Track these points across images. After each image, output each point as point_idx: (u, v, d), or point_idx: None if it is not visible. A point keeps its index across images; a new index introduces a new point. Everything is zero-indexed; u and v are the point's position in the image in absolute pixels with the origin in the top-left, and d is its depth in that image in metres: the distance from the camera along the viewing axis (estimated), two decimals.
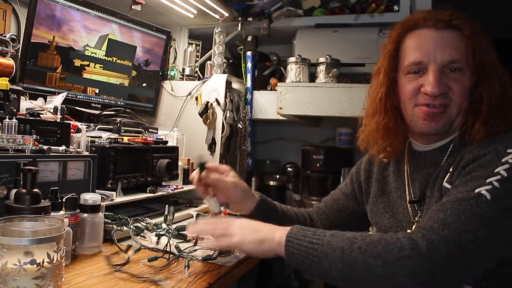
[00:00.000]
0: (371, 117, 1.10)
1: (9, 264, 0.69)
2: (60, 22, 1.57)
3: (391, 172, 1.14)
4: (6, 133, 1.06)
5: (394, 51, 1.05)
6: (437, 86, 0.95)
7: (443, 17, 0.98)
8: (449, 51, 0.95)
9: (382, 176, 1.17)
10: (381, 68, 1.08)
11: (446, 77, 0.96)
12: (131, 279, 0.94)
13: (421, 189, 1.03)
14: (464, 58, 0.95)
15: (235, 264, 1.10)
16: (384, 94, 1.06)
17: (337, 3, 2.30)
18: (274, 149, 2.71)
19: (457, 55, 0.95)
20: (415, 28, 1.01)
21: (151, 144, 1.55)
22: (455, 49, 0.95)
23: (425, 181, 1.03)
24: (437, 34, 0.98)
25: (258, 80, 2.28)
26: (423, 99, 0.98)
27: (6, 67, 1.31)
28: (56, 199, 0.98)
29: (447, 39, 0.97)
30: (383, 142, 1.09)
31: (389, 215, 1.11)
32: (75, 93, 1.70)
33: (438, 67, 0.96)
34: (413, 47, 1.00)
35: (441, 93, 0.95)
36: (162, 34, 2.04)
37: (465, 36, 0.96)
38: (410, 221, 1.04)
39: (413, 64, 0.99)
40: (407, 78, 1.01)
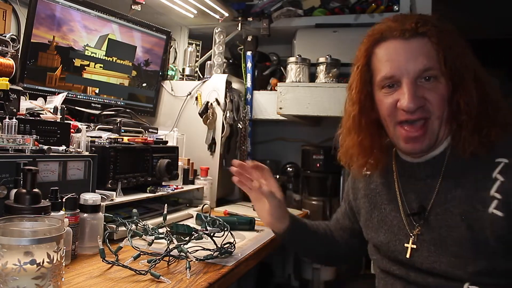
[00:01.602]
0: (347, 134, 1.07)
1: (9, 264, 0.69)
2: (60, 22, 1.57)
3: (380, 184, 1.11)
4: (6, 133, 1.06)
5: (365, 66, 1.02)
6: (412, 100, 0.91)
7: (408, 25, 0.93)
8: (420, 59, 0.92)
9: (369, 189, 1.13)
10: (353, 84, 1.05)
11: (421, 88, 0.93)
12: (131, 278, 0.94)
13: (420, 201, 1.00)
14: (437, 64, 0.92)
15: (235, 264, 1.10)
16: (357, 111, 1.03)
17: (337, 3, 2.30)
18: (274, 149, 2.71)
19: (429, 62, 0.92)
20: (382, 40, 0.98)
21: (151, 144, 1.55)
22: (426, 57, 0.92)
23: (423, 193, 0.99)
24: (405, 44, 0.94)
25: (258, 80, 2.28)
26: (401, 115, 0.95)
27: (6, 67, 1.31)
28: (56, 199, 0.98)
29: (416, 48, 0.93)
30: (362, 158, 1.07)
31: (384, 230, 1.07)
32: (75, 93, 1.70)
33: (411, 79, 0.93)
34: (383, 60, 0.97)
35: (418, 107, 0.92)
36: (162, 34, 2.05)
37: (434, 42, 0.92)
38: (407, 234, 1.00)
39: (385, 79, 0.96)
40: (382, 93, 0.98)
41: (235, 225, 1.48)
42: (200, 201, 1.76)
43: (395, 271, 1.03)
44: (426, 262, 0.96)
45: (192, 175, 1.84)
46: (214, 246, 1.13)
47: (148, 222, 1.28)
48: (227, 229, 1.17)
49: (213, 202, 1.91)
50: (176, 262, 1.07)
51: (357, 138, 1.05)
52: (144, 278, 0.94)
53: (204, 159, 1.95)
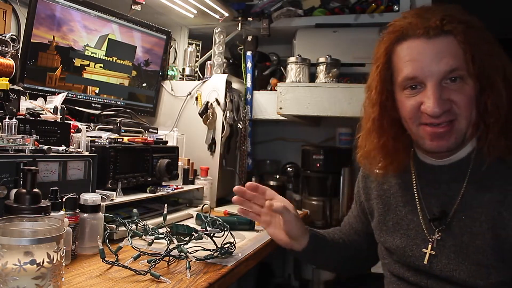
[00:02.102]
0: (367, 136, 1.03)
1: (9, 264, 0.69)
2: (60, 22, 1.57)
3: (395, 185, 1.05)
4: (6, 133, 1.06)
5: (385, 64, 0.96)
6: (437, 105, 0.86)
7: (433, 23, 0.87)
8: (446, 60, 0.86)
9: (382, 190, 1.08)
10: (373, 85, 0.99)
11: (447, 90, 0.87)
12: (131, 278, 0.94)
13: (441, 205, 0.95)
14: (463, 64, 0.86)
15: (235, 264, 1.10)
16: (378, 113, 0.98)
17: (337, 3, 2.29)
18: (274, 149, 2.71)
19: (455, 63, 0.86)
20: (404, 39, 0.91)
21: (151, 144, 1.55)
22: (452, 57, 0.86)
23: (446, 197, 0.95)
24: (429, 43, 0.87)
25: (258, 80, 2.28)
26: (426, 119, 0.89)
27: (6, 67, 1.31)
28: (56, 199, 0.98)
29: (441, 48, 0.87)
30: (383, 161, 1.02)
31: (400, 234, 1.01)
32: (75, 93, 1.70)
33: (436, 81, 0.87)
34: (405, 60, 0.91)
35: (444, 111, 0.86)
36: (162, 34, 2.05)
37: (461, 41, 0.86)
38: (425, 239, 0.95)
39: (407, 79, 0.90)
40: (405, 95, 0.92)
41: (235, 225, 1.48)
42: (200, 201, 1.76)
43: (409, 278, 0.99)
44: (445, 269, 0.92)
45: (192, 175, 1.84)
46: (214, 246, 1.13)
47: (148, 222, 1.28)
48: (227, 229, 1.17)
49: (213, 202, 1.91)
50: (176, 262, 1.07)
51: (378, 141, 1.00)
52: (144, 278, 0.94)
53: (204, 159, 1.95)
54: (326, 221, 2.14)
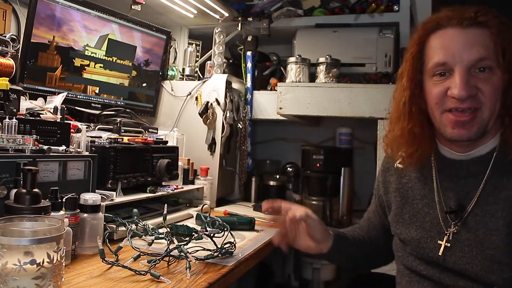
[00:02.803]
0: (395, 122, 1.04)
1: (9, 264, 0.69)
2: (60, 22, 1.57)
3: (414, 179, 1.07)
4: (6, 133, 1.06)
5: (417, 53, 0.99)
6: (464, 88, 0.88)
7: (468, 14, 0.90)
8: (476, 49, 0.89)
9: (401, 184, 1.09)
10: (404, 72, 1.02)
11: (475, 78, 0.89)
12: (131, 278, 0.94)
13: (458, 199, 0.96)
14: (493, 56, 0.88)
15: (235, 264, 1.10)
16: (408, 98, 1.00)
17: (337, 3, 2.30)
18: (274, 149, 2.71)
19: (485, 53, 0.88)
20: (438, 29, 0.94)
21: (151, 144, 1.55)
22: (483, 47, 0.89)
23: (463, 192, 0.96)
24: (462, 32, 0.90)
25: (258, 80, 2.28)
26: (451, 103, 0.92)
27: (6, 67, 1.31)
28: (56, 199, 0.98)
29: (474, 37, 0.90)
30: (409, 148, 1.03)
31: (416, 226, 1.03)
32: (75, 93, 1.70)
33: (465, 68, 0.89)
34: (437, 48, 0.94)
35: (469, 96, 0.89)
36: (162, 34, 2.05)
37: (493, 33, 0.89)
38: (441, 232, 0.97)
39: (437, 65, 0.93)
40: (433, 82, 0.95)
41: (235, 225, 1.48)
42: (200, 201, 1.76)
43: (422, 271, 1.00)
44: (458, 262, 0.93)
45: (192, 175, 1.84)
46: (214, 247, 1.13)
47: (148, 222, 1.28)
48: (227, 229, 1.17)
49: (213, 202, 1.91)
50: (176, 262, 1.07)
51: (406, 125, 1.01)
52: (144, 278, 0.94)
53: (204, 159, 1.95)
54: (326, 221, 2.15)
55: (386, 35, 2.10)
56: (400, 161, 1.08)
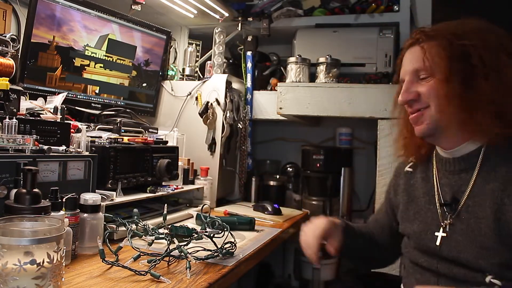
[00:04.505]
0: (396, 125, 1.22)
1: (9, 264, 0.69)
2: (60, 22, 1.57)
3: (419, 179, 1.17)
4: (6, 133, 1.06)
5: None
6: (401, 95, 1.07)
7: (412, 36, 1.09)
8: (412, 63, 1.07)
9: (409, 185, 1.20)
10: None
11: (417, 84, 1.06)
12: (131, 278, 0.94)
13: (453, 193, 1.06)
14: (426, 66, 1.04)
15: (235, 264, 1.10)
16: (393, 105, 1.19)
17: (337, 3, 2.30)
18: (274, 149, 2.71)
19: (419, 65, 1.05)
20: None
21: (151, 144, 1.55)
22: (418, 61, 1.05)
23: (457, 186, 1.06)
24: (407, 52, 1.10)
25: (258, 80, 2.28)
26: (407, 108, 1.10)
27: (6, 67, 1.31)
28: (56, 199, 0.98)
29: (412, 54, 1.08)
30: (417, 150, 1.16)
31: (418, 221, 1.12)
32: (75, 93, 1.70)
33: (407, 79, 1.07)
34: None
35: (410, 100, 1.06)
36: (162, 34, 2.05)
37: (423, 48, 1.05)
38: (439, 225, 1.06)
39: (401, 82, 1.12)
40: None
41: (235, 225, 1.48)
42: (200, 201, 1.76)
43: (423, 263, 1.08)
44: (453, 251, 1.01)
45: (192, 175, 1.84)
46: (214, 247, 1.13)
47: (148, 222, 1.28)
48: (227, 229, 1.17)
49: (213, 202, 1.91)
50: (176, 262, 1.07)
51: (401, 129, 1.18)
52: (144, 278, 0.94)
53: (204, 159, 1.95)
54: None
55: (386, 35, 2.10)
56: (410, 165, 1.21)
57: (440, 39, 1.04)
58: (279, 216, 1.82)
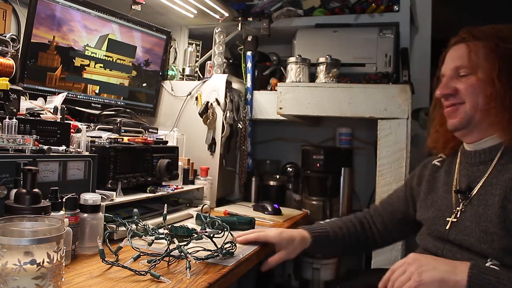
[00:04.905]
0: (432, 120, 1.29)
1: (9, 264, 0.69)
2: (60, 22, 1.57)
3: (443, 172, 1.24)
4: (6, 133, 1.06)
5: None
6: (439, 89, 1.14)
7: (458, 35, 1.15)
8: (455, 61, 1.13)
9: (432, 177, 1.26)
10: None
11: (456, 80, 1.12)
12: (131, 278, 0.94)
13: (469, 183, 1.12)
14: (469, 64, 1.09)
15: (235, 264, 1.10)
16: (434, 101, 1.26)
17: (337, 3, 2.30)
18: (274, 149, 2.71)
19: (461, 62, 1.11)
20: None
21: (151, 144, 1.55)
22: (461, 59, 1.11)
23: (474, 176, 1.11)
24: (451, 50, 1.16)
25: (258, 80, 2.28)
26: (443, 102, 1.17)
27: (6, 67, 1.31)
28: (56, 199, 0.98)
29: (455, 52, 1.14)
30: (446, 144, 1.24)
31: (434, 208, 1.19)
32: (75, 93, 1.70)
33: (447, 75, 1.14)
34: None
35: (446, 94, 1.13)
36: (162, 34, 2.05)
37: (469, 46, 1.10)
38: (451, 211, 1.12)
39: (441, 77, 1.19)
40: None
41: (235, 225, 1.48)
42: (200, 201, 1.76)
43: (431, 248, 1.14)
44: (459, 235, 1.06)
45: (192, 175, 1.84)
46: (214, 247, 1.13)
47: (148, 222, 1.28)
48: (227, 229, 1.17)
49: (213, 202, 1.91)
50: (176, 262, 1.07)
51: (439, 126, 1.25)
52: (144, 278, 0.94)
53: (204, 159, 1.95)
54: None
55: (386, 35, 2.10)
56: (439, 160, 1.28)
57: (486, 40, 1.09)
58: (279, 216, 1.82)
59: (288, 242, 1.28)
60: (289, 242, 1.28)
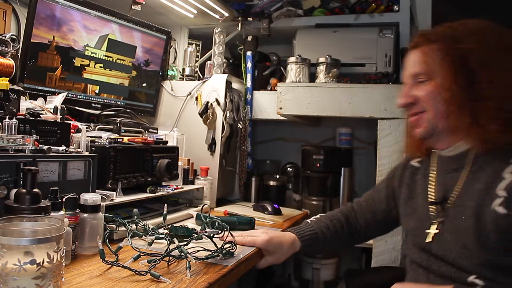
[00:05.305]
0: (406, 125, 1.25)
1: (9, 264, 0.69)
2: (60, 22, 1.57)
3: (421, 175, 1.20)
4: (6, 133, 1.06)
5: None
6: (400, 98, 1.11)
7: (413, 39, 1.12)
8: (412, 66, 1.10)
9: (412, 180, 1.22)
10: None
11: (415, 88, 1.08)
12: (131, 278, 0.94)
13: (445, 192, 1.08)
14: (425, 70, 1.06)
15: (235, 264, 1.10)
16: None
17: (337, 3, 2.30)
18: (274, 149, 2.71)
19: (419, 68, 1.07)
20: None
21: (151, 144, 1.55)
22: (418, 64, 1.08)
23: (449, 184, 1.08)
24: (409, 55, 1.12)
25: (258, 80, 2.28)
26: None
27: (6, 67, 1.31)
28: (56, 199, 0.98)
29: (412, 58, 1.11)
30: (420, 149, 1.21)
31: (414, 217, 1.16)
32: (75, 93, 1.70)
33: (406, 83, 1.11)
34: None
35: (407, 104, 1.10)
36: (162, 34, 2.04)
37: (423, 52, 1.07)
38: (430, 222, 1.08)
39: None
40: None
41: (235, 225, 1.48)
42: (200, 201, 1.76)
43: (417, 259, 1.11)
44: (441, 249, 1.03)
45: (192, 175, 1.84)
46: (214, 247, 1.13)
47: (148, 222, 1.28)
48: (227, 229, 1.17)
49: (213, 202, 1.91)
50: (176, 262, 1.07)
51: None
52: (144, 278, 0.94)
53: (204, 159, 1.95)
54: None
55: (386, 35, 2.10)
56: (417, 160, 1.23)
57: (440, 43, 1.04)
58: (279, 216, 1.82)
59: (276, 247, 1.24)
60: (277, 247, 1.25)
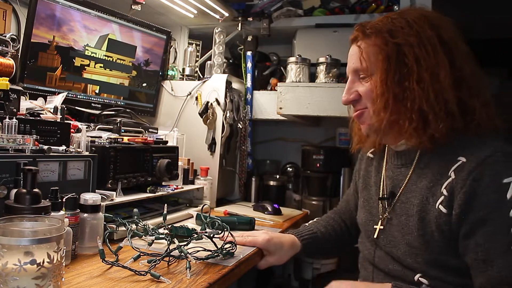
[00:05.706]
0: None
1: (9, 264, 0.69)
2: (60, 22, 1.57)
3: (373, 167, 1.18)
4: (6, 133, 1.06)
5: None
6: (344, 94, 1.07)
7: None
8: (352, 62, 1.06)
9: (367, 171, 1.21)
10: None
11: (358, 83, 1.04)
12: (131, 278, 0.94)
13: (393, 188, 1.06)
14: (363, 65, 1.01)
15: (235, 264, 1.10)
16: None
17: (337, 3, 2.30)
18: (274, 149, 2.71)
19: (357, 64, 1.03)
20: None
21: (151, 144, 1.55)
22: (357, 60, 1.03)
23: (397, 180, 1.06)
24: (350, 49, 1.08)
25: (258, 80, 2.28)
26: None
27: (6, 67, 1.31)
28: (56, 199, 0.98)
29: (351, 52, 1.07)
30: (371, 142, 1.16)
31: (365, 210, 1.15)
32: (75, 93, 1.70)
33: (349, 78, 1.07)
34: None
35: (350, 101, 1.05)
36: (162, 34, 2.04)
37: (360, 47, 1.02)
38: (378, 217, 1.08)
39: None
40: None
41: (235, 225, 1.48)
42: (200, 201, 1.76)
43: (367, 255, 1.11)
44: (388, 245, 1.03)
45: (192, 175, 1.84)
46: (214, 247, 1.13)
47: (148, 222, 1.28)
48: (227, 229, 1.17)
49: (213, 202, 1.91)
50: (176, 262, 1.07)
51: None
52: (144, 278, 0.94)
53: (204, 159, 1.95)
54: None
55: None
56: (372, 151, 1.21)
57: (376, 37, 0.99)
58: (279, 216, 1.82)
59: (276, 247, 1.24)
60: (278, 247, 1.24)
